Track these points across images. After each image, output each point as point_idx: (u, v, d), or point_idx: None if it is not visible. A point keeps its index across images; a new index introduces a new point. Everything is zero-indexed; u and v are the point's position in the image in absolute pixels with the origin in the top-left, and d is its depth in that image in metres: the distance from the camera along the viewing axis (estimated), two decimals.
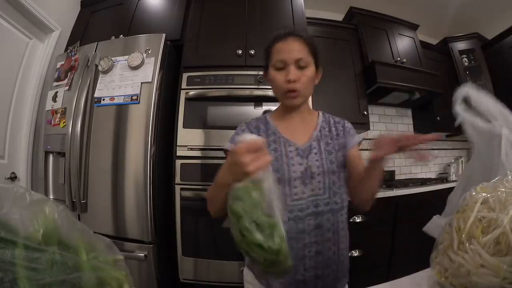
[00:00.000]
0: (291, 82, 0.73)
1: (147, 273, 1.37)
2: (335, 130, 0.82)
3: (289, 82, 0.73)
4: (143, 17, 1.86)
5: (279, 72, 0.75)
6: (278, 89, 0.76)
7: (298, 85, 0.74)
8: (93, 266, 0.36)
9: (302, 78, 0.74)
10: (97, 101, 1.49)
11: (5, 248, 0.31)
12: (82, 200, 1.42)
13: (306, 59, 0.74)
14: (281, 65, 0.74)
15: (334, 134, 0.81)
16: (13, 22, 1.66)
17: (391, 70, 2.15)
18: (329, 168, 0.75)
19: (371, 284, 0.54)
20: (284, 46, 0.75)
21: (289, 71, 0.73)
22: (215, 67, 1.58)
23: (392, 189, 1.85)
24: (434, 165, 2.81)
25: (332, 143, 0.79)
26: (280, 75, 0.74)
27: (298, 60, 0.73)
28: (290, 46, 0.74)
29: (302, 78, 0.74)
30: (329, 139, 0.80)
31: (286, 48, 0.74)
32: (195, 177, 1.47)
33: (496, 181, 0.47)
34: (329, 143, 0.79)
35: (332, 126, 0.83)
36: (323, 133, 0.81)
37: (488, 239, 0.39)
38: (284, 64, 0.74)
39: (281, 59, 0.74)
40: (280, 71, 0.75)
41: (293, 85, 0.73)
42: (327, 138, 0.80)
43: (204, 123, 1.53)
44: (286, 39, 0.75)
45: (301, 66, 0.74)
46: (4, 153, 1.65)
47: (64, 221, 0.38)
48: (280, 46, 0.75)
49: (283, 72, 0.74)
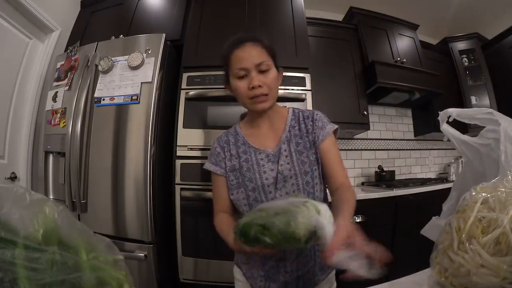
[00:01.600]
0: (256, 88, 0.72)
1: (147, 273, 1.37)
2: (304, 127, 0.80)
3: (253, 89, 0.72)
4: (143, 17, 1.86)
5: (241, 80, 0.74)
6: (243, 97, 0.75)
7: (264, 89, 0.73)
8: (93, 266, 0.36)
9: (266, 81, 0.73)
10: (97, 101, 1.49)
11: (5, 248, 0.31)
12: (82, 200, 1.42)
13: (267, 62, 0.73)
14: (242, 73, 0.73)
15: (304, 132, 0.79)
16: (13, 22, 1.66)
17: (391, 70, 2.15)
18: (301, 169, 0.74)
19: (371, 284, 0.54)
20: (243, 53, 0.73)
21: (252, 78, 0.72)
22: (215, 67, 1.58)
23: (392, 189, 1.85)
24: (434, 165, 2.81)
25: (302, 142, 0.78)
26: (243, 83, 0.73)
27: (259, 65, 0.72)
28: (249, 52, 0.73)
29: (266, 81, 0.73)
30: (299, 138, 0.78)
31: (245, 55, 0.73)
32: (195, 177, 1.47)
33: (496, 181, 0.47)
34: (299, 143, 0.77)
35: (302, 123, 0.80)
36: (293, 132, 0.79)
37: (488, 239, 0.39)
38: (245, 71, 0.73)
39: (241, 67, 0.72)
40: (242, 79, 0.73)
41: (259, 90, 0.72)
42: (297, 138, 0.78)
43: (204, 123, 1.53)
44: (243, 45, 0.74)
45: (262, 70, 0.73)
46: (4, 153, 1.65)
47: (64, 221, 0.38)
48: (238, 53, 0.74)
49: (245, 79, 0.73)
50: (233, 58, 0.74)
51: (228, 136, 0.84)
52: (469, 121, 0.64)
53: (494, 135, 0.60)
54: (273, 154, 0.76)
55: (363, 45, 2.25)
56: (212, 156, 0.82)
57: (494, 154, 0.60)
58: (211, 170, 0.81)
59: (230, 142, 0.83)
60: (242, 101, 0.77)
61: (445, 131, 0.69)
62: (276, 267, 0.73)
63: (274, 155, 0.76)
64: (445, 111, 0.69)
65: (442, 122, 0.70)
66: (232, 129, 0.87)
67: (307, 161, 0.75)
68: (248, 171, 0.76)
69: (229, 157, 0.80)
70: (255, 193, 0.74)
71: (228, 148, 0.81)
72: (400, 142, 2.68)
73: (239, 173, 0.77)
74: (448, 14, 2.79)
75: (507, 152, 0.54)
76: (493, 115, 0.60)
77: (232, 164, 0.79)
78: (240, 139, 0.82)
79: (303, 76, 1.60)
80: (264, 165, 0.76)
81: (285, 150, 0.76)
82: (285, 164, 0.75)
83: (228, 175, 0.78)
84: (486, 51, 2.61)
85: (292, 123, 0.81)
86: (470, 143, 0.66)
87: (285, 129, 0.80)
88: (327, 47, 2.16)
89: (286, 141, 0.78)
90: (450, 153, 2.85)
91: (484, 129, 0.64)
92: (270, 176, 0.74)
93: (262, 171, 0.75)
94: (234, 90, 0.77)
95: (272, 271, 0.73)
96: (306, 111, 0.83)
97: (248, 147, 0.80)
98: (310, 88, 1.58)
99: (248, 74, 0.73)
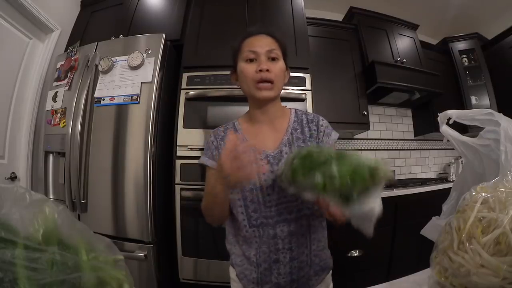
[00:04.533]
0: (263, 71, 0.70)
1: (147, 273, 1.37)
2: (308, 131, 0.77)
3: (261, 72, 0.70)
4: (143, 17, 1.86)
5: (249, 63, 0.72)
6: (248, 81, 0.72)
7: (271, 75, 0.71)
8: (93, 266, 0.36)
9: (274, 69, 0.72)
10: (97, 101, 1.49)
11: (5, 248, 0.31)
12: (82, 200, 1.42)
13: (277, 51, 0.73)
14: (252, 56, 0.72)
15: (307, 136, 0.76)
16: (13, 22, 1.66)
17: (391, 70, 2.15)
18: None
19: (371, 284, 0.54)
20: (255, 39, 0.74)
21: (260, 61, 0.71)
22: (215, 67, 1.58)
23: (392, 189, 1.85)
24: (434, 165, 2.81)
25: (304, 146, 0.75)
26: (251, 66, 0.72)
27: (269, 51, 0.72)
28: (261, 39, 0.74)
29: (274, 69, 0.72)
30: (301, 142, 0.75)
31: (257, 41, 0.73)
32: (195, 177, 1.47)
33: (496, 181, 0.47)
34: (301, 147, 0.74)
35: (305, 127, 0.78)
36: (295, 135, 0.76)
37: (488, 239, 0.39)
38: (255, 55, 0.72)
39: (252, 49, 0.72)
40: (251, 63, 0.72)
41: (265, 74, 0.70)
42: (299, 141, 0.76)
43: (204, 123, 1.53)
44: (257, 35, 0.75)
45: (272, 58, 0.72)
46: (4, 153, 1.65)
47: (64, 221, 0.38)
48: (250, 40, 0.74)
49: (253, 64, 0.72)
50: (245, 43, 0.74)
51: (226, 131, 0.81)
52: (469, 123, 0.64)
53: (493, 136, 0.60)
54: (273, 156, 0.74)
55: (363, 45, 2.25)
56: (209, 150, 0.80)
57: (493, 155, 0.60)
58: (207, 164, 0.78)
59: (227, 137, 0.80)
60: (246, 85, 0.73)
61: (445, 132, 0.69)
62: (269, 269, 0.72)
63: (274, 157, 0.73)
64: (445, 113, 0.68)
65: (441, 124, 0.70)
66: (230, 124, 0.83)
67: None
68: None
69: None
70: (253, 194, 0.72)
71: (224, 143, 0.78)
72: (400, 142, 2.67)
73: None
74: (448, 14, 2.79)
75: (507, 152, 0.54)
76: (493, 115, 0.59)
77: None
78: (239, 135, 0.79)
79: (303, 76, 1.60)
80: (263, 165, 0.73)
81: (286, 153, 0.74)
82: None
83: None
84: (486, 51, 2.61)
85: (294, 125, 0.78)
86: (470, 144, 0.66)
87: (287, 131, 0.77)
88: (327, 47, 2.16)
89: (288, 144, 0.75)
90: (450, 153, 2.85)
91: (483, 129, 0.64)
92: (269, 178, 0.72)
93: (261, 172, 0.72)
94: (240, 74, 0.75)
95: (265, 273, 0.72)
96: (309, 114, 0.81)
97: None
98: (310, 88, 1.58)
99: (257, 59, 0.72)
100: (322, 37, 2.17)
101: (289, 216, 0.71)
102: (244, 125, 0.81)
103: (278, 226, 0.71)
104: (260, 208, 0.72)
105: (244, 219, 0.73)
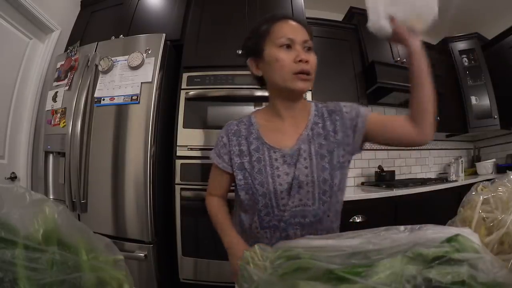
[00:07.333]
0: (303, 62, 0.63)
1: (147, 273, 1.37)
2: (330, 124, 0.70)
3: (300, 62, 0.63)
4: (143, 17, 1.86)
5: (285, 50, 0.64)
6: (284, 70, 0.64)
7: (309, 67, 0.65)
8: (93, 266, 0.36)
9: (311, 61, 0.65)
10: (97, 101, 1.49)
11: (5, 248, 0.31)
12: (82, 200, 1.42)
13: (311, 42, 0.68)
14: (288, 43, 0.64)
15: (330, 130, 0.69)
16: (13, 22, 1.65)
17: (391, 70, 2.14)
18: (319, 176, 0.66)
19: None
20: (290, 26, 0.67)
21: (299, 51, 0.64)
22: (215, 67, 1.58)
23: (392, 189, 1.84)
24: (434, 165, 2.81)
25: (326, 144, 0.68)
26: (288, 54, 0.64)
27: (305, 41, 0.66)
28: (297, 27, 0.67)
29: (311, 61, 0.65)
30: (323, 139, 0.69)
31: (293, 28, 0.66)
32: (195, 177, 1.47)
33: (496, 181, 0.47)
34: (322, 145, 0.68)
35: (327, 120, 0.71)
36: (316, 131, 0.70)
37: (491, 239, 0.39)
38: (291, 42, 0.65)
39: (289, 36, 0.64)
40: (286, 50, 0.65)
41: (306, 65, 0.64)
42: (320, 138, 0.69)
43: (204, 123, 1.53)
44: (290, 21, 0.68)
45: (308, 47, 0.66)
46: (4, 153, 1.64)
47: (64, 221, 0.38)
48: (284, 25, 0.67)
49: (290, 51, 0.64)
50: (277, 27, 0.67)
51: (240, 126, 0.75)
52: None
53: None
54: (290, 154, 0.68)
55: (363, 45, 2.25)
56: (217, 147, 0.75)
57: None
58: (214, 162, 0.75)
59: (241, 134, 0.73)
60: (279, 75, 0.65)
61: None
62: None
63: (291, 156, 0.67)
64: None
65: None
66: (246, 118, 0.77)
67: (328, 167, 0.67)
68: (260, 174, 0.67)
69: (238, 153, 0.72)
70: (266, 199, 0.67)
71: (237, 142, 0.72)
72: None
73: (248, 174, 0.69)
74: (448, 14, 2.79)
75: None
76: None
77: (241, 162, 0.71)
78: (253, 133, 0.72)
79: None
80: (278, 167, 0.67)
81: (304, 151, 0.67)
82: (303, 168, 0.66)
83: (236, 173, 0.71)
84: (486, 51, 2.61)
85: (315, 120, 0.71)
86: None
87: (307, 126, 0.70)
88: (327, 47, 2.16)
89: (307, 140, 0.69)
90: (450, 153, 2.85)
91: None
92: (284, 182, 0.66)
93: (275, 174, 0.67)
94: (271, 61, 0.66)
95: None
96: (330, 104, 0.74)
97: (261, 143, 0.70)
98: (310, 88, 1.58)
99: (293, 47, 0.65)
100: (322, 37, 2.17)
101: (303, 220, 0.67)
102: (261, 119, 0.75)
103: (290, 229, 0.68)
104: (273, 211, 0.68)
105: (256, 221, 0.70)
